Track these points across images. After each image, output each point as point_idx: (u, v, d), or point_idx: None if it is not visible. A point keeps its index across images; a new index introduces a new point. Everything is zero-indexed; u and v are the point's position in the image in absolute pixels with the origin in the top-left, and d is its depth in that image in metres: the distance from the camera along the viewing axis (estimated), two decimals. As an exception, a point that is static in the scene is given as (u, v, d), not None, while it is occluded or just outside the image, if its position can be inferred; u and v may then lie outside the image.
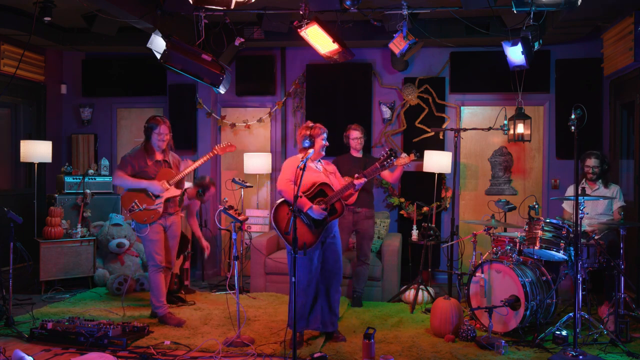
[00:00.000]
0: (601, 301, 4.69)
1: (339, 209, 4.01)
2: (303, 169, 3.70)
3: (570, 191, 5.20)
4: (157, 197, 4.48)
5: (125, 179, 4.47)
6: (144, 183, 4.46)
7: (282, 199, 4.04)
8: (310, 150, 3.93)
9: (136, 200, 4.44)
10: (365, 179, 3.97)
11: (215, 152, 4.75)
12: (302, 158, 3.81)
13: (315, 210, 3.91)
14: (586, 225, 4.73)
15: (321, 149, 4.12)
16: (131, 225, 4.90)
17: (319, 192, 4.00)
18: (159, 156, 4.58)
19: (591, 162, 4.98)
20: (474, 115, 6.51)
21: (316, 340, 4.08)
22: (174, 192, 4.55)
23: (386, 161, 3.91)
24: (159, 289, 4.51)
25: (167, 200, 4.52)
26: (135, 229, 4.57)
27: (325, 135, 4.14)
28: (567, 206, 5.26)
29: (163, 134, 4.52)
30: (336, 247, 4.10)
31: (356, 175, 4.00)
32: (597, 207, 5.00)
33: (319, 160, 4.20)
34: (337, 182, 4.18)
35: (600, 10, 4.94)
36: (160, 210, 4.48)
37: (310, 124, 4.15)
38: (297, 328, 3.94)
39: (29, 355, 3.44)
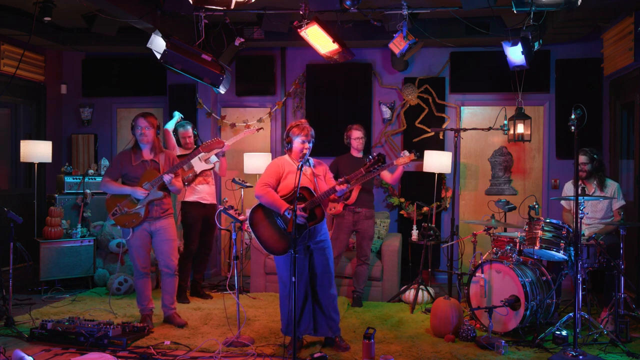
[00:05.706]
0: (603, 303, 4.61)
1: (319, 215, 3.73)
2: (300, 169, 3.61)
3: (567, 188, 5.10)
4: (139, 200, 4.39)
5: (109, 184, 4.39)
6: (127, 189, 4.35)
7: (258, 203, 3.87)
8: (306, 152, 3.79)
9: (119, 204, 4.36)
10: (349, 185, 3.66)
11: (200, 151, 4.61)
12: (299, 160, 3.77)
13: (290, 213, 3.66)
14: (586, 233, 4.64)
15: (300, 155, 3.81)
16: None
17: (299, 196, 3.66)
18: (146, 156, 4.43)
19: (580, 159, 4.77)
20: (474, 115, 6.51)
21: (317, 345, 4.05)
22: (155, 195, 4.37)
23: (373, 167, 3.58)
24: (141, 293, 4.50)
25: (150, 203, 4.37)
26: (122, 234, 4.51)
27: (303, 138, 3.81)
28: (565, 203, 5.14)
29: (141, 127, 4.35)
30: (325, 251, 3.88)
31: (339, 180, 3.69)
32: (597, 211, 4.85)
33: (308, 161, 3.86)
34: (326, 185, 3.84)
35: (600, 10, 4.94)
36: (142, 213, 4.34)
37: (297, 122, 3.88)
38: (290, 333, 3.80)
39: (29, 355, 3.43)
